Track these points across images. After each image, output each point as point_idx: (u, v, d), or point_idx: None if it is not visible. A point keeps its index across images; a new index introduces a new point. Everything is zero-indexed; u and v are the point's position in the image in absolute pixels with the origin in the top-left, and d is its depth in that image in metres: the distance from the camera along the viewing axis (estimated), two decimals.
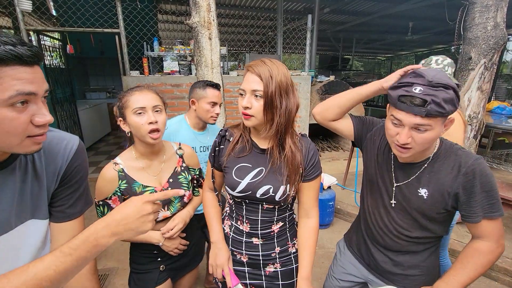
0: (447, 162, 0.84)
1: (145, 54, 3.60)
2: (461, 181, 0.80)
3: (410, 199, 0.89)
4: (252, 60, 0.90)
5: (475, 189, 0.79)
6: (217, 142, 1.00)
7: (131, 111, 0.99)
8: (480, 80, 2.20)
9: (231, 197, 1.02)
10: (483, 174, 0.79)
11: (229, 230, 1.05)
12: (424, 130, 0.75)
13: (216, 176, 1.05)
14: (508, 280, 2.06)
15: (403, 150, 0.80)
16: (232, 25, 7.57)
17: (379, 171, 0.98)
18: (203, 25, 2.16)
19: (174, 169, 1.15)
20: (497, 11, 2.04)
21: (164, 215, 1.10)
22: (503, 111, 3.68)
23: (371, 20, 7.09)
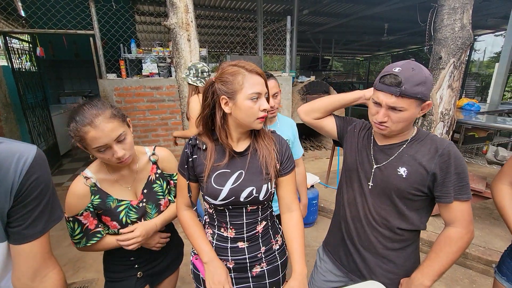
0: (424, 145, 0.92)
1: (122, 56, 3.49)
2: (438, 162, 0.87)
3: (389, 179, 0.93)
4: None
5: (450, 169, 0.86)
6: (188, 152, 0.93)
7: (92, 149, 0.88)
8: (450, 79, 2.31)
9: (210, 206, 0.96)
10: (457, 156, 0.87)
11: (211, 239, 1.00)
12: (399, 111, 0.84)
13: (192, 189, 0.97)
14: (482, 268, 2.17)
15: (381, 127, 0.90)
16: (212, 27, 7.53)
17: (359, 157, 1.03)
18: (181, 26, 2.13)
19: (148, 178, 1.09)
20: (463, 13, 2.16)
21: None
22: (472, 108, 3.89)
23: (349, 21, 7.29)
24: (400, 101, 0.82)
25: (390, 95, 0.83)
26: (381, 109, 0.87)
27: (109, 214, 1.00)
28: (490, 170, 3.65)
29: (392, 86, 0.82)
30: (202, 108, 0.90)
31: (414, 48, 13.61)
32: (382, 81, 0.85)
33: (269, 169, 0.92)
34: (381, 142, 0.99)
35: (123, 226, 1.03)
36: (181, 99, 2.37)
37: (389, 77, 0.83)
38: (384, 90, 0.84)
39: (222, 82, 0.85)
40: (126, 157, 0.94)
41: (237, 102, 0.84)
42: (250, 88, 0.83)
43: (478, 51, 13.72)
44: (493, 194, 1.04)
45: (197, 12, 6.22)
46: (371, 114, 0.93)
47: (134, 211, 1.04)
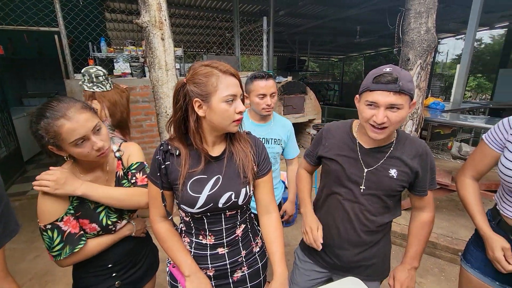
0: (406, 146, 0.99)
1: (91, 56, 3.31)
2: (419, 161, 0.97)
3: (382, 181, 0.97)
4: None
5: (427, 167, 0.98)
6: (160, 159, 0.87)
7: (68, 144, 0.84)
8: (418, 79, 2.44)
9: (187, 215, 0.92)
10: (430, 155, 0.99)
11: (189, 247, 0.96)
12: (397, 110, 0.85)
13: (167, 197, 0.92)
14: (449, 256, 2.32)
15: (379, 131, 0.89)
16: (187, 26, 7.38)
17: (346, 163, 1.02)
18: (155, 25, 2.05)
19: (116, 175, 1.05)
20: (428, 17, 2.29)
21: (123, 225, 1.05)
22: (438, 106, 4.16)
23: (324, 23, 7.49)
24: (399, 98, 0.83)
25: (389, 93, 0.83)
26: (379, 110, 0.85)
27: (88, 216, 0.95)
28: (454, 165, 3.91)
29: (390, 83, 0.82)
30: (174, 112, 0.85)
31: (385, 50, 14.28)
32: (377, 81, 0.85)
33: (246, 172, 0.90)
34: (368, 145, 1.00)
35: (104, 228, 0.97)
36: (156, 100, 2.29)
37: (385, 75, 0.84)
38: (382, 89, 0.84)
39: (195, 83, 0.80)
40: (106, 148, 0.91)
41: (211, 105, 0.80)
42: (225, 90, 0.80)
43: (441, 53, 14.70)
44: (457, 187, 1.11)
45: (171, 11, 6.06)
46: (365, 118, 0.90)
47: (113, 211, 1.00)
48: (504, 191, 0.97)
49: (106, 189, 0.96)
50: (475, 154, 1.07)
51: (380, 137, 0.90)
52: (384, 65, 0.89)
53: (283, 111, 4.79)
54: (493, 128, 1.01)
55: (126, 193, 1.00)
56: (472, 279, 1.05)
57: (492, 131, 1.01)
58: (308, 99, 5.10)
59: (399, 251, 2.47)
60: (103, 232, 0.99)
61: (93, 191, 0.93)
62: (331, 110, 7.71)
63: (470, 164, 1.08)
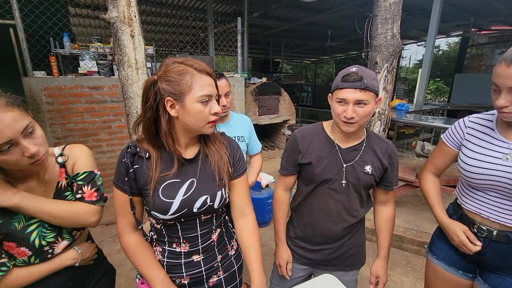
0: (376, 144, 1.08)
1: (53, 52, 3.08)
2: (388, 159, 1.07)
3: (359, 175, 1.06)
4: None
5: (394, 165, 1.09)
6: (128, 163, 0.79)
7: None
8: (385, 82, 2.58)
9: (158, 222, 0.86)
10: (396, 154, 1.10)
11: (161, 257, 0.90)
12: (364, 105, 0.94)
13: (136, 204, 0.83)
14: (415, 249, 2.47)
15: (350, 125, 0.97)
16: (159, 24, 7.15)
17: (328, 163, 1.06)
18: (123, 21, 1.96)
19: (57, 185, 0.87)
20: (393, 23, 2.44)
21: (63, 247, 0.86)
22: (403, 108, 4.43)
23: (296, 26, 7.66)
24: (364, 94, 0.92)
25: (355, 90, 0.92)
26: (348, 106, 0.94)
27: (14, 238, 0.77)
28: (418, 162, 4.19)
29: (356, 81, 0.92)
30: (143, 111, 0.79)
31: (354, 54, 14.95)
32: (345, 79, 0.94)
33: (222, 175, 0.87)
34: (344, 145, 1.07)
35: (37, 251, 0.80)
36: (126, 100, 2.18)
37: (351, 75, 0.93)
38: (350, 86, 0.93)
39: (167, 81, 0.75)
40: (42, 153, 0.75)
41: (185, 105, 0.76)
42: (200, 89, 0.76)
43: (404, 58, 15.75)
44: (420, 182, 1.19)
45: (141, 8, 5.84)
46: (337, 114, 0.98)
47: (51, 229, 0.82)
48: (463, 186, 1.05)
49: (46, 202, 0.80)
50: (435, 152, 1.15)
51: (351, 130, 0.98)
52: (352, 65, 0.98)
53: (258, 112, 4.82)
54: (450, 128, 1.09)
55: (70, 210, 0.83)
56: (438, 269, 1.12)
57: (449, 131, 1.09)
58: (283, 100, 5.18)
59: (369, 245, 2.58)
60: (36, 256, 0.81)
61: (29, 202, 0.76)
62: (304, 111, 7.89)
63: (431, 162, 1.16)
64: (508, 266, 0.94)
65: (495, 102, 0.85)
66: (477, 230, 0.98)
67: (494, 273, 0.98)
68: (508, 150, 0.89)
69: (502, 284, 0.95)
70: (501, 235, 0.93)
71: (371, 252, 2.49)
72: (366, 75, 0.92)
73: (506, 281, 0.94)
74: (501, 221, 0.92)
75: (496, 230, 0.94)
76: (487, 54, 10.90)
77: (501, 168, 0.88)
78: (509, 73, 0.77)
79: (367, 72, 0.94)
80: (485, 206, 0.96)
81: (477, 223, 0.98)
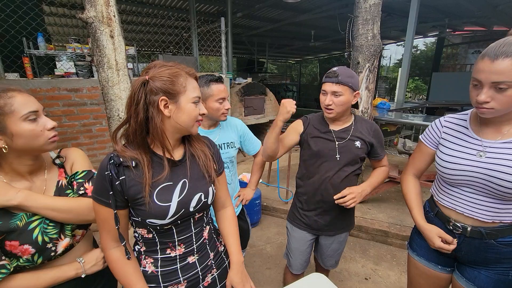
0: (363, 125, 1.36)
1: (26, 53, 2.93)
2: (373, 135, 1.34)
3: (351, 149, 1.31)
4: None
5: (378, 140, 1.36)
6: (112, 175, 0.75)
7: (19, 118, 0.76)
8: (367, 81, 2.64)
9: (149, 230, 0.84)
10: (379, 131, 1.38)
11: (153, 268, 0.87)
12: (338, 95, 1.22)
13: (120, 218, 0.79)
14: (399, 243, 2.55)
15: (328, 111, 1.27)
16: (141, 24, 6.99)
17: (325, 139, 1.33)
18: (102, 21, 1.89)
19: (57, 184, 0.91)
20: (374, 24, 2.50)
21: (65, 245, 0.87)
22: (385, 106, 4.56)
23: (280, 26, 7.71)
24: (338, 87, 1.21)
25: (332, 84, 1.22)
26: (327, 95, 1.24)
27: (17, 236, 0.78)
28: (400, 159, 4.33)
29: (332, 77, 1.22)
30: (135, 114, 0.76)
31: (337, 54, 15.23)
32: (326, 75, 1.26)
33: (210, 172, 0.91)
34: (337, 128, 1.34)
35: (40, 249, 0.81)
36: (107, 102, 2.11)
37: (331, 73, 1.24)
38: (328, 81, 1.24)
39: (163, 81, 0.76)
40: (56, 133, 0.85)
41: (180, 104, 0.79)
42: (192, 91, 0.81)
43: (385, 58, 16.20)
44: (401, 184, 1.23)
45: (122, 7, 5.67)
46: (321, 102, 1.29)
47: (53, 225, 0.84)
48: (439, 183, 1.09)
49: (50, 199, 0.82)
50: (415, 153, 1.19)
51: (330, 116, 1.28)
52: (337, 66, 1.27)
53: (244, 112, 4.81)
54: (427, 129, 1.13)
55: (75, 204, 0.86)
56: (418, 265, 1.16)
57: (427, 132, 1.13)
58: (268, 100, 5.20)
59: (356, 242, 2.64)
60: (40, 254, 0.81)
61: (33, 200, 0.79)
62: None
63: (412, 163, 1.20)
64: (482, 260, 0.98)
65: (475, 97, 0.86)
66: (453, 227, 1.02)
67: (470, 266, 1.02)
68: (481, 147, 0.93)
69: (477, 277, 1.00)
70: (475, 231, 0.96)
71: (358, 249, 2.54)
72: (341, 73, 1.21)
73: (482, 274, 0.99)
74: (474, 216, 0.95)
75: (470, 226, 0.97)
76: (461, 54, 11.42)
77: (475, 164, 0.92)
78: (493, 68, 0.79)
79: (345, 71, 1.22)
80: (460, 202, 0.99)
81: (452, 220, 1.02)
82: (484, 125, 0.95)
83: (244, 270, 0.99)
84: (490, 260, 0.97)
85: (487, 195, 0.92)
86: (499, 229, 0.93)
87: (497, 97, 0.81)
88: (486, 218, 0.94)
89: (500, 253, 0.95)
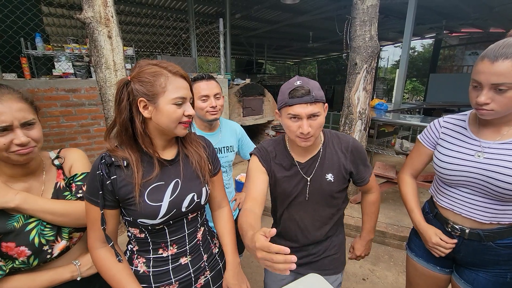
0: (335, 147, 1.05)
1: (24, 53, 2.92)
2: (350, 158, 1.04)
3: (321, 186, 1.03)
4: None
5: (358, 162, 1.05)
6: (103, 175, 0.75)
7: None
8: (365, 82, 2.66)
9: (141, 230, 0.83)
10: (358, 148, 1.05)
11: (145, 268, 0.86)
12: (316, 117, 0.91)
13: (110, 218, 0.79)
14: (397, 243, 2.56)
15: (307, 139, 0.93)
16: (139, 24, 6.99)
17: (291, 174, 1.05)
18: (100, 21, 1.89)
19: (55, 185, 0.90)
20: (371, 26, 2.52)
21: (61, 247, 0.86)
22: (382, 107, 4.58)
23: (279, 28, 7.73)
24: (315, 107, 0.89)
25: (306, 105, 0.88)
26: (303, 121, 0.90)
27: (13, 238, 0.77)
28: (398, 160, 4.34)
29: (304, 96, 0.88)
30: (118, 113, 0.78)
31: (335, 55, 15.29)
32: (293, 95, 0.89)
33: (203, 173, 0.90)
34: (303, 159, 1.04)
35: (36, 251, 0.80)
36: (104, 103, 2.11)
37: (298, 90, 0.89)
38: (300, 102, 0.88)
39: (141, 82, 0.75)
40: (31, 146, 0.78)
41: (158, 106, 0.76)
42: (174, 92, 0.77)
43: (383, 59, 16.29)
44: (399, 184, 1.23)
45: (120, 7, 5.68)
46: (292, 131, 0.94)
47: (50, 228, 0.83)
48: (438, 184, 1.09)
49: (48, 202, 0.82)
50: (412, 153, 1.19)
51: (309, 144, 0.95)
52: (293, 78, 0.95)
53: (243, 113, 4.81)
54: (425, 129, 1.13)
55: (73, 207, 0.85)
56: (417, 266, 1.16)
57: (425, 131, 1.13)
58: (267, 101, 5.21)
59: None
60: (35, 256, 0.80)
61: (31, 203, 0.78)
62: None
63: (409, 163, 1.20)
64: (480, 262, 0.99)
65: (475, 99, 0.86)
66: (451, 229, 1.02)
67: (468, 268, 1.03)
68: (479, 148, 0.94)
69: (476, 279, 1.00)
70: (473, 233, 0.97)
71: None
72: (312, 87, 0.90)
73: (480, 276, 0.99)
74: (472, 217, 0.96)
75: (468, 228, 0.98)
76: (458, 55, 11.50)
77: (473, 164, 0.93)
78: (492, 69, 0.79)
79: (312, 83, 0.92)
80: (457, 203, 1.00)
81: (451, 222, 1.02)
82: (483, 126, 0.95)
83: (240, 271, 0.99)
84: (489, 262, 0.97)
85: (485, 195, 0.93)
86: (497, 231, 0.94)
87: (497, 98, 0.81)
88: (484, 219, 0.94)
89: (499, 255, 0.95)
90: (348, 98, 2.76)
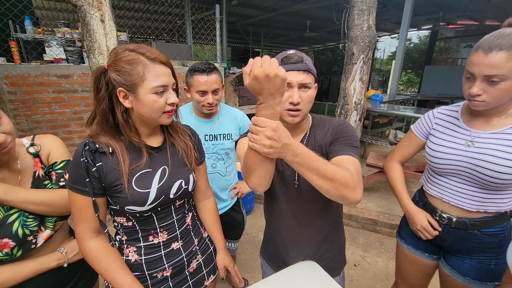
0: (323, 129, 0.93)
1: (13, 36, 2.83)
2: (331, 132, 0.89)
3: None
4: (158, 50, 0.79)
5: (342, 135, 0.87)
6: (88, 161, 0.72)
7: None
8: (361, 72, 2.66)
9: (129, 218, 0.82)
10: (345, 127, 0.89)
11: (137, 256, 0.86)
12: (307, 89, 0.83)
13: (100, 205, 0.77)
14: (388, 231, 2.63)
15: (295, 113, 0.84)
16: (133, 9, 6.79)
17: (279, 165, 0.95)
18: (92, 4, 1.84)
19: (34, 174, 0.86)
20: (369, 15, 2.50)
21: (46, 236, 0.84)
22: (377, 98, 4.61)
23: (275, 16, 7.59)
24: (307, 77, 0.82)
25: (298, 72, 0.81)
26: (294, 90, 0.82)
27: None
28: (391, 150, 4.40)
29: (298, 63, 0.81)
30: (96, 102, 0.74)
31: (332, 45, 15.15)
32: (285, 62, 0.82)
33: (190, 160, 0.92)
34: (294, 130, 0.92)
35: (20, 242, 0.78)
36: None
37: (292, 56, 0.82)
38: (292, 68, 0.81)
39: (118, 72, 0.71)
40: (8, 142, 0.74)
41: (138, 96, 0.73)
42: (153, 80, 0.73)
43: (379, 50, 16.23)
44: (386, 170, 1.25)
45: None
46: (282, 102, 0.83)
47: (32, 218, 0.81)
48: (429, 173, 1.13)
49: (29, 192, 0.79)
50: (403, 141, 1.22)
51: (296, 120, 0.86)
52: (285, 50, 0.88)
53: (238, 102, 4.79)
54: (419, 119, 1.15)
55: (56, 196, 0.82)
56: (407, 253, 1.21)
57: (419, 122, 1.15)
58: None
59: (346, 230, 2.71)
60: (19, 247, 0.78)
61: (12, 194, 0.75)
62: None
63: (398, 150, 1.22)
64: (466, 249, 1.03)
65: (468, 90, 0.87)
66: (439, 218, 1.06)
67: (455, 255, 1.07)
68: (469, 137, 0.96)
69: (461, 265, 1.05)
70: (459, 222, 1.01)
71: (348, 237, 2.61)
72: (305, 58, 0.83)
73: (465, 263, 1.04)
74: (459, 205, 0.99)
75: (455, 217, 1.02)
76: (453, 48, 11.54)
77: (463, 153, 0.95)
78: (486, 61, 0.80)
79: (305, 55, 0.85)
80: (446, 191, 1.03)
81: (439, 210, 1.06)
82: (474, 117, 0.98)
83: (229, 253, 1.09)
84: (474, 250, 1.02)
85: (473, 184, 0.96)
86: (483, 220, 0.97)
87: (489, 90, 0.83)
88: (471, 207, 0.97)
89: (483, 243, 0.99)
90: (344, 88, 2.77)
